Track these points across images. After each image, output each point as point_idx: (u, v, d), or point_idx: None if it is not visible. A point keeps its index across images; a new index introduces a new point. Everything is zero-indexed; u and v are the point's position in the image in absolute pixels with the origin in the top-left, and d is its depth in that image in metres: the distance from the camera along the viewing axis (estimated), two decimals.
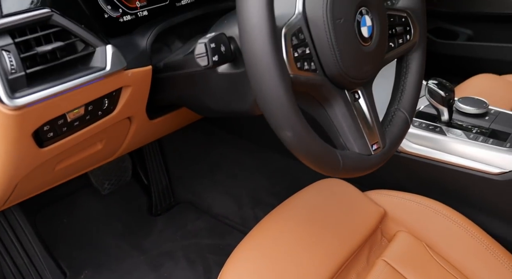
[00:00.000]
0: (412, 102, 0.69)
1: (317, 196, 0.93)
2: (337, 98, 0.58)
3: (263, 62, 0.46)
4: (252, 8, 0.45)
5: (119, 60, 0.61)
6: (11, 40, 0.50)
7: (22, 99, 0.50)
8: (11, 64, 0.49)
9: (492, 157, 0.88)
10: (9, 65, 0.49)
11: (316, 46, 0.53)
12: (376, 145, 0.62)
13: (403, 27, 0.67)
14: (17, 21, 0.51)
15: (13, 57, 0.49)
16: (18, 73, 0.50)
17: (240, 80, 0.60)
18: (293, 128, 0.49)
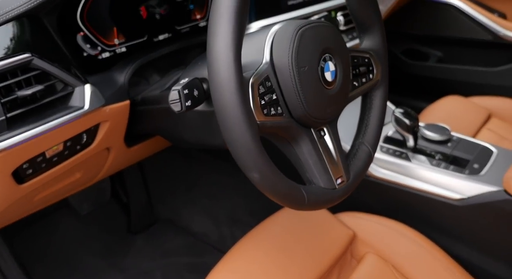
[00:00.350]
0: (375, 136, 0.74)
1: (290, 219, 0.97)
2: (303, 136, 0.62)
3: (231, 112, 0.50)
4: (221, 63, 0.49)
5: (97, 98, 0.64)
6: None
7: (2, 143, 0.52)
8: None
9: (452, 183, 0.94)
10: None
11: (283, 91, 0.58)
12: (340, 179, 0.66)
13: (366, 67, 0.72)
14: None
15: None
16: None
17: (213, 117, 0.63)
18: (260, 170, 0.53)
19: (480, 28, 1.78)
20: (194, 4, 0.87)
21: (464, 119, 1.39)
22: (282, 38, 0.58)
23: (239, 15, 0.50)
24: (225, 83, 0.49)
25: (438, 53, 1.99)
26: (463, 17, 1.81)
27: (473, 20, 1.79)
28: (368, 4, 0.72)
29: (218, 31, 0.49)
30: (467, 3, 1.79)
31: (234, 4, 0.49)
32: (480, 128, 1.38)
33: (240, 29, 0.50)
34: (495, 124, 1.41)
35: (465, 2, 1.79)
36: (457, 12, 1.82)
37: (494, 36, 1.76)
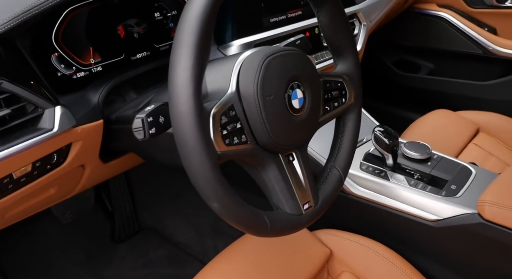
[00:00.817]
0: (347, 160, 0.75)
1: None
2: (270, 162, 0.63)
3: (190, 143, 0.50)
4: (181, 96, 0.49)
5: (68, 119, 0.64)
6: None
7: None
8: None
9: (429, 204, 0.95)
10: None
11: (249, 120, 0.58)
12: (307, 205, 0.66)
13: (338, 92, 0.73)
14: None
15: None
16: None
17: None
18: (219, 200, 0.53)
19: (470, 42, 1.79)
20: (174, 22, 0.87)
21: (451, 133, 1.40)
22: (249, 67, 0.59)
23: (199, 49, 0.50)
24: (184, 115, 0.50)
25: (429, 65, 2.00)
26: (454, 30, 1.82)
27: (463, 34, 1.79)
28: (340, 29, 0.72)
29: (178, 64, 0.50)
30: (457, 17, 1.80)
31: (194, 39, 0.50)
32: (467, 143, 1.38)
33: (201, 63, 0.50)
34: (482, 139, 1.41)
35: (456, 16, 1.80)
36: (447, 25, 1.83)
37: (484, 50, 1.77)
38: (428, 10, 1.89)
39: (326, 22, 0.71)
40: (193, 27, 0.50)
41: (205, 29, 0.50)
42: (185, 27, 0.51)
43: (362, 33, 1.24)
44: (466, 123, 1.44)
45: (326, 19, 0.71)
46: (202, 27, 0.50)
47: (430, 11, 1.88)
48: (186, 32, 0.50)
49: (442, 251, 0.96)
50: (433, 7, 1.88)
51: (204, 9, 0.51)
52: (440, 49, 1.90)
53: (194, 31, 0.50)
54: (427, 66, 2.00)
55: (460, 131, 1.41)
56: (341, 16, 0.72)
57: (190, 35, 0.50)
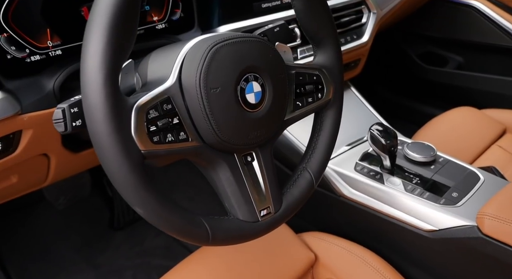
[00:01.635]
0: (321, 163, 0.67)
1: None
2: (221, 162, 0.57)
3: (104, 141, 0.45)
4: (91, 86, 0.44)
5: (10, 106, 0.60)
6: None
7: None
8: None
9: (425, 213, 0.85)
10: None
11: (192, 115, 0.52)
12: (266, 211, 0.60)
13: (313, 86, 0.65)
14: None
15: None
16: None
17: None
18: (144, 205, 0.48)
19: (504, 34, 1.64)
20: (150, 5, 0.82)
21: (473, 133, 1.28)
22: (194, 55, 0.52)
23: (114, 30, 0.44)
24: (95, 108, 0.44)
25: (458, 58, 1.85)
26: (486, 21, 1.66)
27: (496, 25, 1.64)
28: (318, 15, 0.64)
29: (88, 49, 0.44)
30: (490, 5, 1.64)
31: (107, 18, 0.44)
32: (490, 145, 1.26)
33: (115, 47, 0.44)
34: (509, 141, 1.28)
35: (487, 4, 1.65)
36: (479, 15, 1.67)
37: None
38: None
39: (301, 7, 0.63)
40: (106, 4, 0.44)
41: (122, 4, 0.44)
42: (98, 3, 0.45)
43: (371, 22, 1.14)
44: (491, 123, 1.32)
45: (301, 3, 0.63)
46: (118, 2, 0.44)
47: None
48: (98, 10, 0.44)
49: (435, 263, 0.87)
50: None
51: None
52: (470, 41, 1.75)
53: (107, 9, 0.44)
54: (456, 60, 1.86)
55: (484, 131, 1.29)
56: (319, 0, 0.64)
57: (103, 13, 0.44)
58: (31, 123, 0.65)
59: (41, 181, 0.84)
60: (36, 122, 0.65)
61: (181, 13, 0.87)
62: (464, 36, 1.76)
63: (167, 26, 0.85)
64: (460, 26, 1.76)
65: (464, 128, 1.29)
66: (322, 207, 1.04)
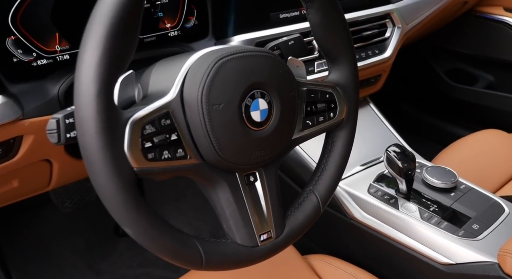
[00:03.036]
0: (329, 187, 0.62)
1: None
2: (221, 182, 0.53)
3: (93, 156, 0.42)
4: (83, 97, 0.41)
5: (11, 110, 0.58)
6: None
7: None
8: None
9: (441, 245, 0.80)
10: None
11: (192, 131, 0.49)
12: (266, 235, 0.56)
13: (325, 104, 0.61)
14: None
15: None
16: None
17: None
18: (133, 225, 0.45)
19: None
20: (163, 12, 0.79)
21: (500, 159, 1.20)
22: (198, 69, 0.49)
23: (110, 40, 0.41)
24: (86, 121, 0.41)
25: (489, 77, 1.77)
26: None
27: None
28: (334, 30, 0.60)
29: (83, 59, 0.41)
30: None
31: (104, 27, 0.41)
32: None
33: (111, 58, 0.41)
34: None
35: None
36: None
37: None
38: (492, 15, 1.66)
39: (317, 22, 0.59)
40: (104, 11, 0.41)
41: (121, 14, 0.41)
42: (96, 11, 0.42)
43: (395, 37, 1.09)
44: None
45: (317, 17, 0.59)
46: (117, 12, 0.41)
47: (495, 15, 1.65)
48: (96, 17, 0.41)
49: None
50: (498, 11, 1.65)
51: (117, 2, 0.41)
52: (502, 59, 1.67)
53: (106, 17, 0.41)
54: (486, 79, 1.77)
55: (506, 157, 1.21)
56: (336, 14, 0.60)
57: (100, 21, 0.41)
58: (33, 129, 0.63)
59: (44, 185, 0.82)
60: (37, 128, 0.63)
61: (195, 21, 0.84)
62: (495, 54, 1.68)
63: (180, 33, 0.82)
64: (492, 43, 1.68)
65: (491, 152, 1.22)
66: (332, 229, 0.99)
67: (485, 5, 1.67)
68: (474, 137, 1.29)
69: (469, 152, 1.21)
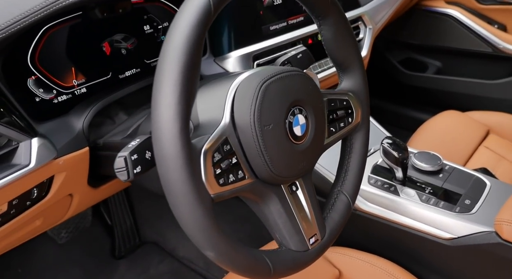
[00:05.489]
0: (355, 185, 0.69)
1: None
2: (271, 195, 0.57)
3: (178, 190, 0.44)
4: (165, 138, 0.43)
5: (47, 152, 0.59)
6: None
7: None
8: None
9: (442, 222, 0.88)
10: None
11: (246, 153, 0.52)
12: (314, 238, 0.61)
13: (344, 111, 0.67)
14: None
15: None
16: None
17: None
18: (215, 248, 0.48)
19: (479, 40, 1.72)
20: (165, 35, 0.81)
21: (461, 136, 1.33)
22: (245, 93, 0.53)
23: (186, 81, 0.44)
24: (170, 160, 0.44)
25: (437, 64, 1.93)
26: (462, 28, 1.75)
27: (472, 32, 1.72)
28: (345, 43, 0.66)
29: (161, 101, 0.44)
30: (466, 14, 1.72)
31: (179, 69, 0.44)
32: (477, 146, 1.32)
33: (187, 97, 0.45)
34: (493, 142, 1.35)
35: (464, 13, 1.73)
36: (456, 23, 1.76)
37: (493, 49, 1.70)
38: (435, 7, 1.81)
39: (329, 36, 0.65)
40: (177, 55, 0.44)
41: (192, 56, 0.44)
42: (168, 55, 0.45)
43: (368, 37, 1.18)
44: (476, 125, 1.38)
45: (329, 33, 0.64)
46: (188, 55, 0.44)
47: (438, 8, 1.81)
48: (169, 62, 0.44)
49: (457, 270, 0.90)
50: (441, 4, 1.81)
51: (191, 31, 0.45)
52: (448, 47, 1.83)
53: (179, 60, 0.44)
54: (435, 65, 1.94)
55: (470, 134, 1.35)
56: (346, 29, 0.66)
57: (174, 64, 0.44)
58: (65, 166, 0.63)
59: (59, 219, 0.82)
60: (69, 165, 0.64)
61: None
62: (442, 43, 1.84)
63: None
64: (437, 33, 1.83)
65: (453, 132, 1.35)
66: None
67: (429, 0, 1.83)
68: (436, 120, 1.42)
69: (435, 134, 1.34)
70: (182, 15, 0.45)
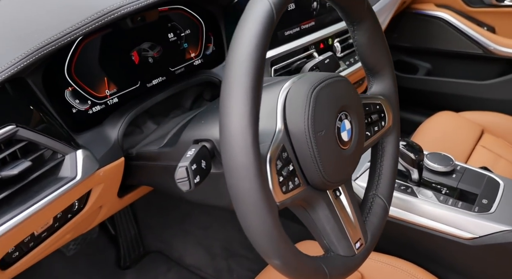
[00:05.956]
0: (390, 187, 0.70)
1: None
2: (320, 201, 0.57)
3: (248, 199, 0.44)
4: (237, 148, 0.43)
5: (91, 163, 0.57)
6: None
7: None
8: None
9: (462, 222, 0.90)
10: None
11: (299, 160, 0.52)
12: (359, 243, 0.61)
13: (378, 115, 0.67)
14: None
15: None
16: None
17: (220, 180, 0.58)
18: (281, 257, 0.48)
19: (470, 42, 1.77)
20: (188, 43, 0.81)
21: (459, 137, 1.37)
22: (296, 100, 0.53)
23: (256, 89, 0.44)
24: (243, 169, 0.43)
25: (427, 65, 1.97)
26: (453, 30, 1.79)
27: (463, 34, 1.77)
28: (378, 48, 0.67)
29: (232, 110, 0.43)
30: (457, 17, 1.77)
31: (250, 77, 0.43)
32: (475, 146, 1.36)
33: (258, 106, 0.44)
34: (488, 141, 1.39)
35: (455, 16, 1.78)
36: (447, 25, 1.80)
37: (484, 50, 1.75)
38: (425, 10, 1.86)
39: (363, 41, 0.66)
40: (247, 63, 0.43)
41: (260, 65, 0.44)
42: (237, 65, 0.44)
43: None
44: (470, 125, 1.42)
45: (364, 38, 0.65)
46: (257, 64, 0.44)
47: (428, 11, 1.85)
48: (239, 72, 0.43)
49: (477, 270, 0.92)
50: (430, 7, 1.85)
51: (258, 40, 0.44)
52: (438, 49, 1.88)
53: (248, 70, 0.43)
54: (425, 67, 1.98)
55: (467, 134, 1.39)
56: (380, 33, 0.67)
57: (244, 74, 0.43)
58: (104, 177, 0.62)
59: (84, 230, 0.80)
60: (108, 176, 0.62)
61: (213, 47, 0.87)
62: (431, 45, 1.89)
63: (203, 61, 0.85)
64: (428, 36, 1.88)
65: (450, 133, 1.39)
66: None
67: (418, 3, 1.87)
68: (431, 121, 1.46)
69: (433, 135, 1.37)
70: (247, 26, 0.45)
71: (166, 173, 0.66)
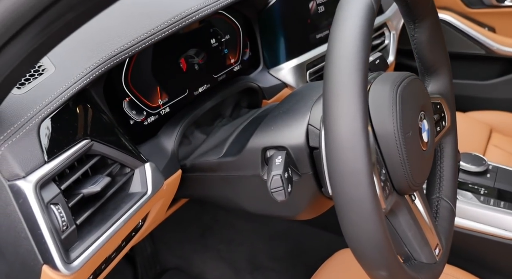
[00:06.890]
0: (453, 189, 0.68)
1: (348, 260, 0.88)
2: (401, 206, 0.55)
3: (358, 208, 0.41)
4: (351, 154, 0.39)
5: (159, 177, 0.53)
6: (57, 189, 0.41)
7: (78, 261, 0.40)
8: (62, 219, 0.40)
9: (507, 222, 0.89)
10: (61, 222, 0.40)
11: (387, 163, 0.50)
12: (438, 249, 0.59)
13: (439, 115, 0.66)
14: (62, 163, 0.41)
15: (62, 209, 0.40)
16: (70, 228, 0.41)
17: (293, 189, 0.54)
18: (388, 268, 0.45)
19: (472, 43, 1.79)
20: (228, 48, 0.78)
21: (471, 137, 1.37)
22: (381, 100, 0.50)
23: (365, 88, 0.41)
24: (358, 174, 0.40)
25: None
26: (455, 32, 1.81)
27: (465, 35, 1.79)
28: (438, 46, 0.66)
29: (342, 112, 0.40)
30: (459, 19, 1.79)
31: (359, 75, 0.40)
32: (487, 145, 1.36)
33: (367, 105, 0.41)
34: (498, 140, 1.40)
35: (456, 17, 1.80)
36: (448, 26, 1.82)
37: (487, 50, 1.77)
38: None
39: (424, 39, 0.64)
40: (354, 60, 0.40)
41: (367, 59, 0.41)
42: (345, 61, 0.41)
43: (393, 43, 1.19)
44: (480, 125, 1.43)
45: (424, 35, 0.63)
46: (365, 58, 0.41)
47: None
48: (348, 69, 0.40)
49: None
50: None
51: (364, 32, 0.41)
52: None
53: (358, 65, 0.40)
54: None
55: (477, 134, 1.39)
56: (440, 32, 0.65)
57: (354, 72, 0.40)
58: (166, 192, 0.58)
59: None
60: (168, 190, 0.58)
61: (249, 52, 0.84)
62: None
63: (241, 67, 0.82)
64: None
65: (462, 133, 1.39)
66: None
67: None
68: None
69: None
70: (348, 22, 0.42)
71: (227, 183, 0.62)
